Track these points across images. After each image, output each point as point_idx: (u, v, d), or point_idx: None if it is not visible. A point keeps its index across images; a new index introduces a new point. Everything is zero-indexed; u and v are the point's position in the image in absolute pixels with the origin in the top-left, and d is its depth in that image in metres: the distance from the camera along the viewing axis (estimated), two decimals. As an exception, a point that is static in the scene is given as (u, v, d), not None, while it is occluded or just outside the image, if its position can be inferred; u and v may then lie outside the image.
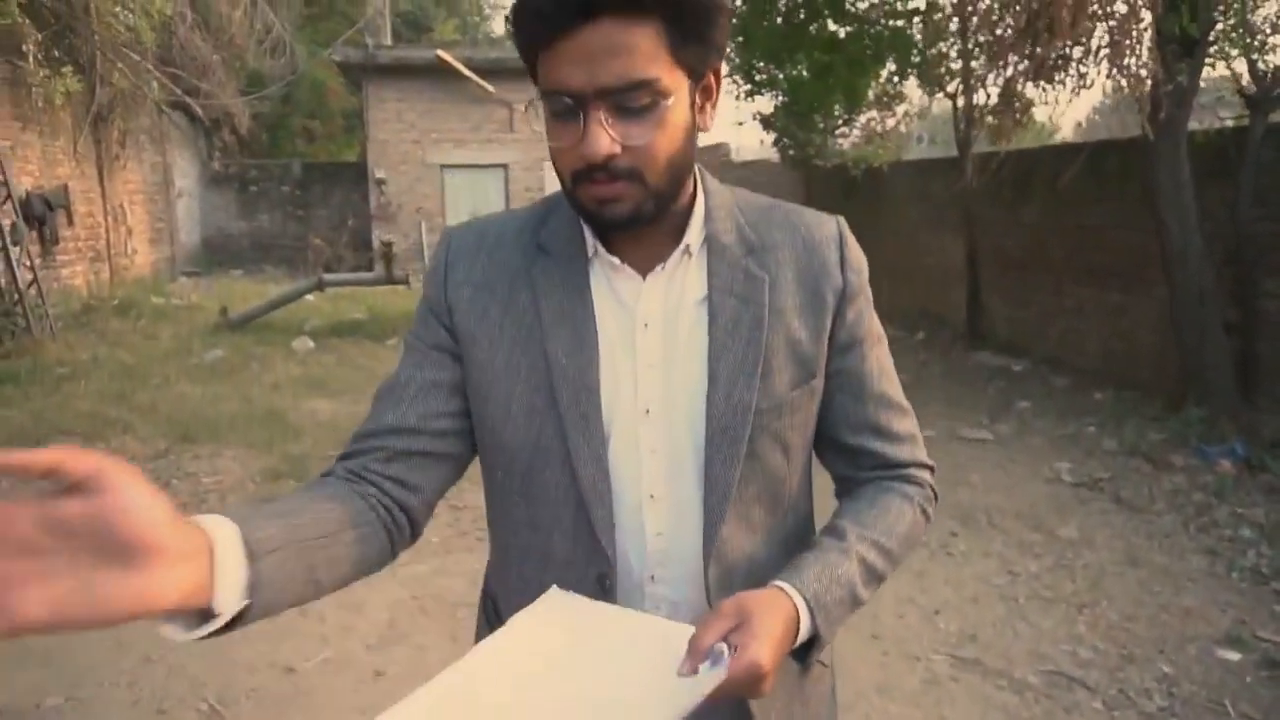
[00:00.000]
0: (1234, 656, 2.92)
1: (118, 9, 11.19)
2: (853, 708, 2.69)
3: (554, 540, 0.95)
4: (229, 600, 0.66)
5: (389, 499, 0.91)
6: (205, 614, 0.66)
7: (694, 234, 0.94)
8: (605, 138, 0.81)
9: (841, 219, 1.01)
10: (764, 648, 0.77)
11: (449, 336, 0.97)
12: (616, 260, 0.93)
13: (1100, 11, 4.14)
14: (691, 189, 0.94)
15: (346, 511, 0.85)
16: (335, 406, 6.39)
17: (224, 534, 0.67)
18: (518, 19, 0.84)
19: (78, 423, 5.74)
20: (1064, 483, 4.62)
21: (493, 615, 1.05)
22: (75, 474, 0.56)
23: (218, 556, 0.65)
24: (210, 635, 0.67)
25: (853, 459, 1.02)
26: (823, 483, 1.08)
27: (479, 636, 1.06)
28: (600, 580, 0.93)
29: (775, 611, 0.82)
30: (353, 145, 23.28)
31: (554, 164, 0.89)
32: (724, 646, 0.78)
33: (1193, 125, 5.41)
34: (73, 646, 3.05)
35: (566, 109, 0.82)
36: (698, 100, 0.89)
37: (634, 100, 0.81)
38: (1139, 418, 5.60)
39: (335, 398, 6.68)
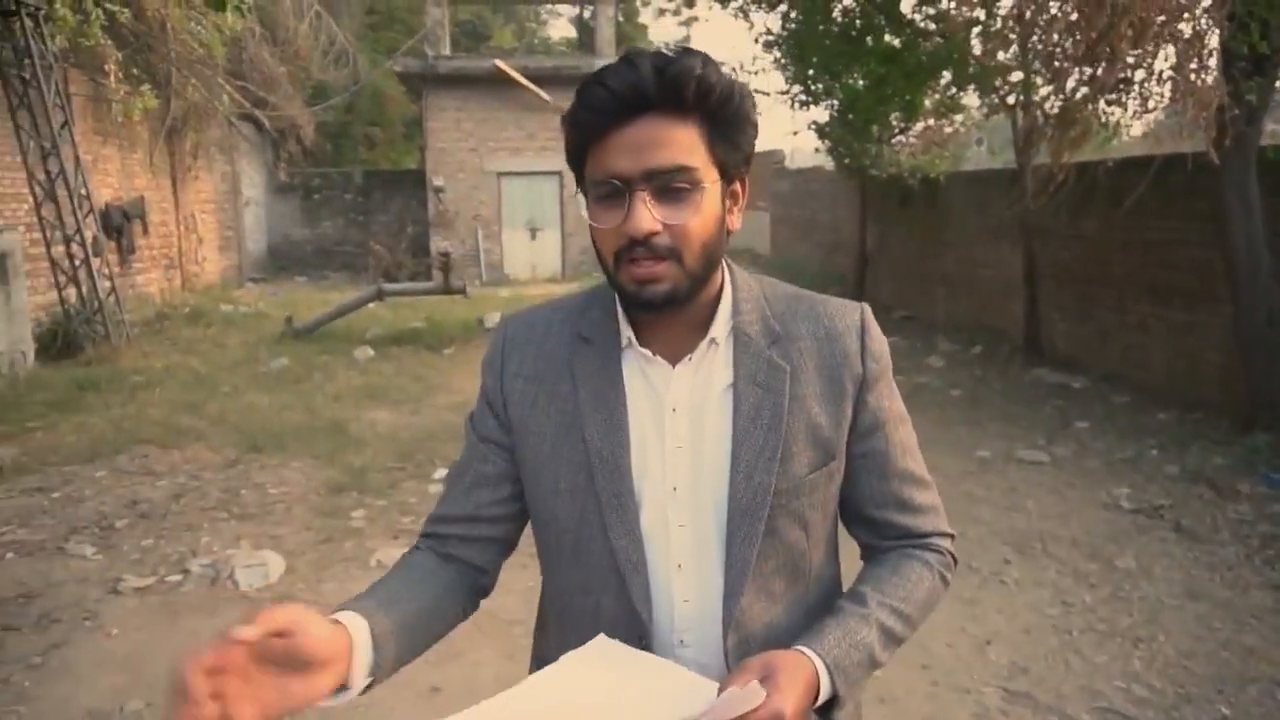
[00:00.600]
0: (1296, 700, 2.86)
1: (192, 25, 11.62)
2: (900, 740, 2.71)
3: (602, 604, 1.04)
4: (359, 681, 0.87)
5: (469, 573, 1.08)
6: (343, 687, 0.86)
7: (720, 326, 1.02)
8: (648, 215, 0.91)
9: (866, 306, 1.08)
10: (787, 700, 0.84)
11: (499, 428, 1.08)
12: (648, 352, 1.01)
13: (1164, 34, 4.06)
14: (720, 282, 1.02)
15: (441, 589, 1.04)
16: (394, 417, 6.57)
17: (360, 636, 0.88)
18: (576, 114, 0.94)
19: (153, 431, 6.01)
20: (1122, 509, 4.54)
21: None
22: (282, 626, 0.77)
23: (355, 652, 0.86)
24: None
25: (877, 531, 1.09)
26: (851, 546, 1.14)
27: None
28: (640, 642, 1.01)
29: (798, 670, 0.89)
30: (412, 151, 23.76)
31: (597, 249, 0.98)
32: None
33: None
34: (151, 654, 3.22)
35: (614, 191, 0.92)
36: (727, 202, 0.98)
37: (674, 182, 0.92)
38: (1203, 441, 5.46)
39: (395, 408, 6.86)
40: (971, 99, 9.29)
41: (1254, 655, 3.15)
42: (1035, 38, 4.51)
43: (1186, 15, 3.94)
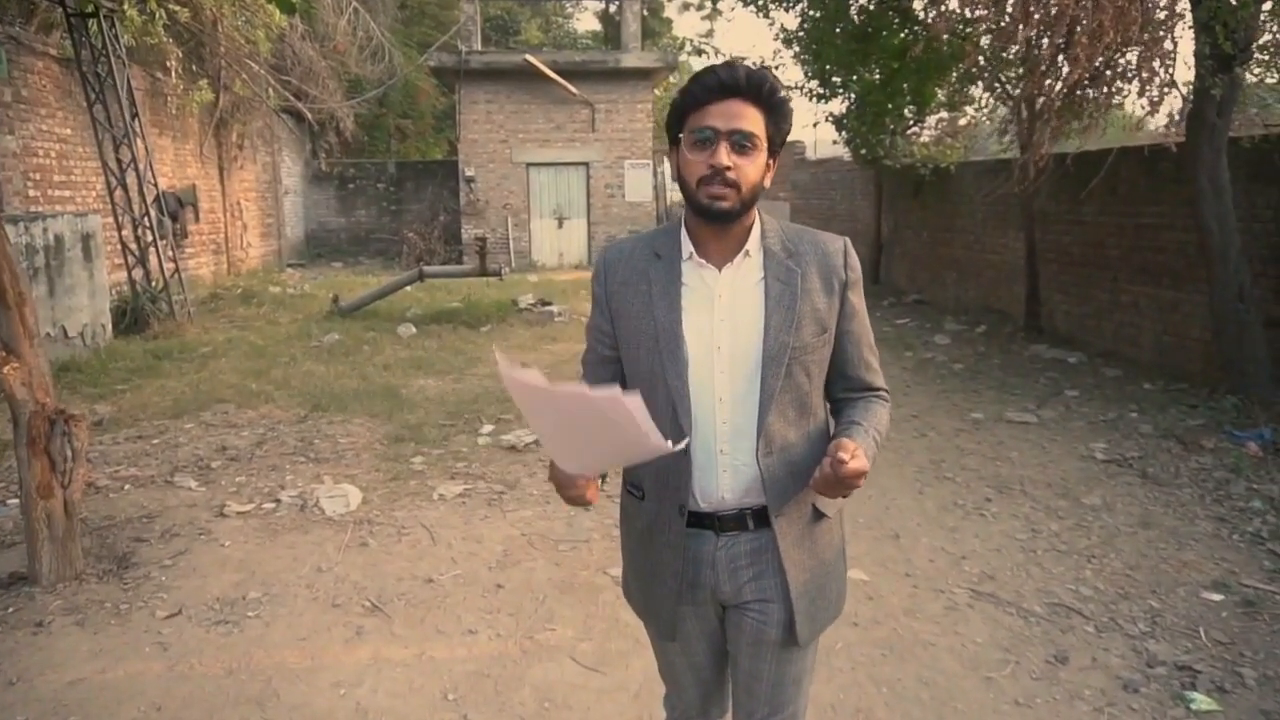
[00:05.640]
0: (1217, 597, 3.41)
1: (240, 23, 12.30)
2: (881, 624, 3.29)
3: (661, 424, 1.60)
4: None
5: None
6: None
7: (752, 244, 1.58)
8: (727, 156, 1.47)
9: (847, 239, 1.66)
10: (864, 461, 1.43)
11: (604, 319, 1.66)
12: (703, 260, 1.58)
13: (1117, 40, 4.56)
14: (753, 217, 1.60)
15: None
16: (440, 384, 7.20)
17: None
18: (692, 90, 1.50)
19: (228, 393, 6.68)
20: (1096, 460, 5.08)
21: (633, 492, 1.72)
22: None
23: None
24: None
25: (850, 385, 1.68)
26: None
27: (624, 512, 1.76)
28: (687, 449, 1.56)
29: (862, 448, 1.47)
30: (441, 143, 24.44)
31: (683, 177, 1.53)
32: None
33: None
34: (260, 559, 3.87)
35: (706, 139, 1.48)
36: (766, 166, 1.55)
37: (744, 140, 1.47)
38: (1181, 406, 5.98)
39: (439, 377, 7.49)
40: (979, 92, 9.77)
41: (1188, 567, 3.70)
42: (1018, 38, 5.02)
43: (1142, 23, 4.44)
